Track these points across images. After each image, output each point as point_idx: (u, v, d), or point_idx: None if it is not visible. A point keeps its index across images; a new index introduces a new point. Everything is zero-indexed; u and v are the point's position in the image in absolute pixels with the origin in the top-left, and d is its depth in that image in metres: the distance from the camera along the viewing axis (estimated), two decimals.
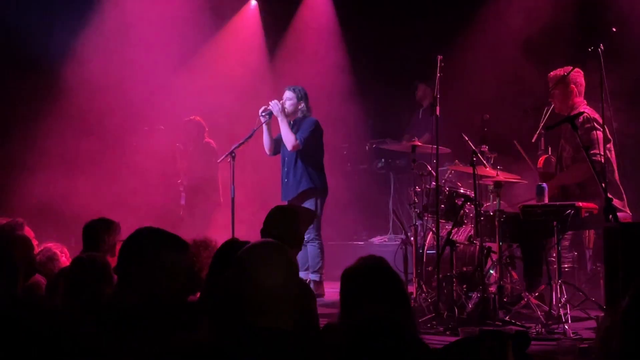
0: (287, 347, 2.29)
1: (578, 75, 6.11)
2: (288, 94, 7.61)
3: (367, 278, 2.61)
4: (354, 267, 2.75)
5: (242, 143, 7.42)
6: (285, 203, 7.53)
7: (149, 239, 2.91)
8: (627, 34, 6.88)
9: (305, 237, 7.35)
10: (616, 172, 5.99)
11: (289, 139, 7.44)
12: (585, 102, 6.08)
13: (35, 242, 5.23)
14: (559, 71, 6.15)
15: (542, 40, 8.19)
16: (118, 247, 4.45)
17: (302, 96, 7.60)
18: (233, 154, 7.34)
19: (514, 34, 8.49)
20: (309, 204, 7.42)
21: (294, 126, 7.59)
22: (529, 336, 2.68)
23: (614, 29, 5.61)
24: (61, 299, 3.61)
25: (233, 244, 3.42)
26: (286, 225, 3.83)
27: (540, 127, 6.40)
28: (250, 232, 5.55)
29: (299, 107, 7.58)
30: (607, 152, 5.87)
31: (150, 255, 2.83)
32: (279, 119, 7.43)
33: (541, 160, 6.96)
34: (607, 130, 5.85)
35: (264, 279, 2.32)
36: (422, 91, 9.67)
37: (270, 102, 7.42)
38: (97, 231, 4.71)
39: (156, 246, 2.85)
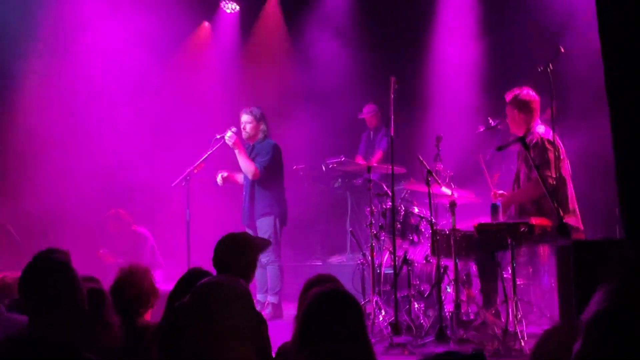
0: None
1: (533, 99, 6.19)
2: (246, 117, 7.55)
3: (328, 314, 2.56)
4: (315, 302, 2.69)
5: (196, 166, 7.36)
6: (245, 227, 7.52)
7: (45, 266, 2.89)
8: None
9: (265, 259, 7.32)
10: (570, 189, 6.07)
11: (248, 170, 7.41)
12: (539, 123, 6.16)
13: None
14: (515, 91, 6.22)
15: (493, 60, 8.33)
16: None
17: (260, 117, 7.56)
18: (187, 178, 7.29)
19: (466, 54, 8.62)
20: (266, 228, 7.39)
21: (253, 150, 7.55)
22: (484, 356, 2.67)
23: (562, 50, 5.70)
24: None
25: (197, 273, 3.42)
26: (237, 254, 3.78)
27: (493, 145, 6.46)
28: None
29: (260, 128, 7.54)
30: (562, 170, 5.95)
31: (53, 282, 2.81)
32: (236, 152, 7.39)
33: (495, 177, 7.03)
34: (561, 149, 5.93)
35: (225, 316, 2.37)
36: (370, 116, 9.74)
37: (225, 136, 7.37)
38: None
39: (54, 273, 2.84)
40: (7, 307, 3.97)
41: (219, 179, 7.63)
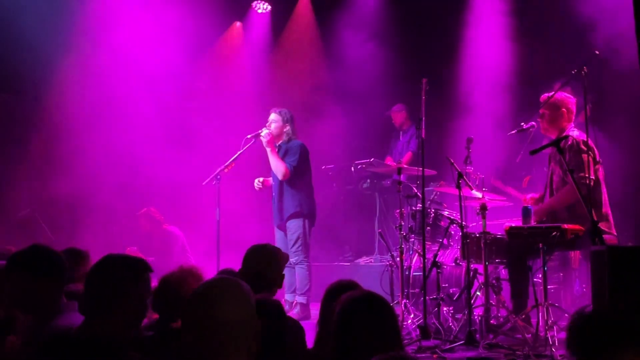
0: None
1: (569, 101, 6.11)
2: (273, 116, 7.61)
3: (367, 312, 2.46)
4: (352, 299, 2.59)
5: (227, 165, 7.40)
6: (275, 228, 7.56)
7: (116, 267, 2.88)
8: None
9: (293, 259, 7.33)
10: (604, 194, 5.98)
11: (279, 169, 7.43)
12: (574, 126, 6.08)
13: None
14: (551, 92, 6.14)
15: (527, 62, 8.25)
16: None
17: (288, 119, 7.59)
18: (218, 177, 7.32)
19: (498, 55, 8.55)
20: (295, 228, 7.41)
21: (280, 150, 7.57)
22: None
23: (597, 52, 5.62)
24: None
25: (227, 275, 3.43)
26: (268, 265, 3.79)
27: (524, 147, 6.38)
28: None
29: (284, 129, 7.58)
30: (596, 173, 5.86)
31: (120, 284, 2.81)
32: (268, 150, 7.42)
33: (526, 180, 6.96)
34: (596, 152, 5.85)
35: (224, 315, 2.24)
36: (397, 114, 9.74)
37: (261, 133, 7.41)
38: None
39: (124, 274, 2.84)
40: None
41: (256, 183, 7.68)
